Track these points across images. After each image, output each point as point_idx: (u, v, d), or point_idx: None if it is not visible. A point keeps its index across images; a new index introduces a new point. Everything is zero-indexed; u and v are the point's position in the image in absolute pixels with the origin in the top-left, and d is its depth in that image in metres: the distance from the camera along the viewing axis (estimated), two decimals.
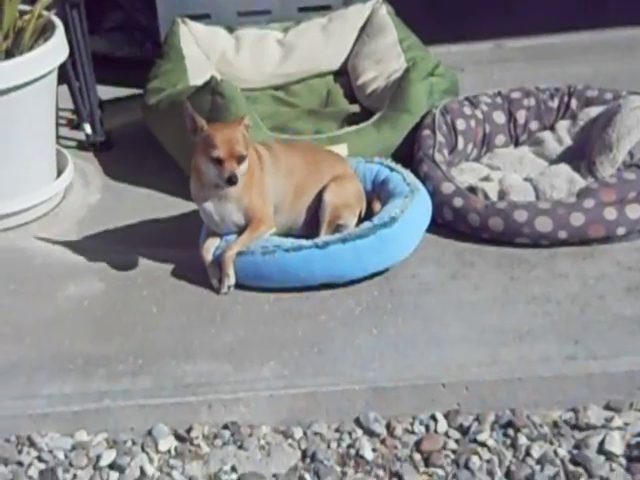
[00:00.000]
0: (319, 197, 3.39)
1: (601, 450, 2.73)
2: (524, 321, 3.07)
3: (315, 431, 2.84)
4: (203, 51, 4.44)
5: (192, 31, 4.44)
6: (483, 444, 2.77)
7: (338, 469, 2.73)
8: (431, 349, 2.97)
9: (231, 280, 3.26)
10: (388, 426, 2.84)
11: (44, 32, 3.75)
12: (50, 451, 2.81)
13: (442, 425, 2.84)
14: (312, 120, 4.11)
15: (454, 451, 2.76)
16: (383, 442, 2.81)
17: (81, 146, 4.33)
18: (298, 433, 2.84)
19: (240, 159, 3.16)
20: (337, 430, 2.85)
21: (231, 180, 3.14)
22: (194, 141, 3.22)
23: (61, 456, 2.79)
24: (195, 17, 4.56)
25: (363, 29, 4.55)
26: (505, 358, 2.92)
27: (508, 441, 2.78)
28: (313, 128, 4.00)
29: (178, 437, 2.84)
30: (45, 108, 3.79)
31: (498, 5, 5.38)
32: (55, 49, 3.73)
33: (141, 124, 4.23)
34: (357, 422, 2.85)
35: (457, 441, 2.79)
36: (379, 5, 4.58)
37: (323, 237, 3.30)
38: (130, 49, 5.06)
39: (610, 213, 3.38)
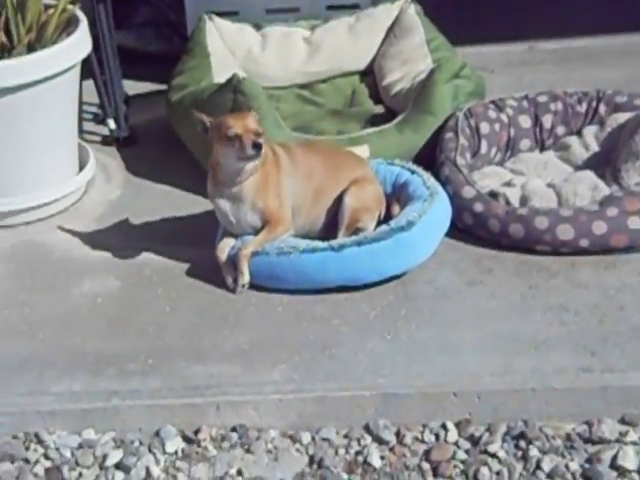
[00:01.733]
0: (339, 200, 3.35)
1: (613, 465, 2.67)
2: (540, 330, 3.01)
3: (323, 437, 2.81)
4: (229, 48, 4.41)
5: (218, 28, 4.41)
6: (493, 455, 2.73)
7: (345, 476, 2.70)
8: (444, 356, 2.93)
9: (245, 278, 3.23)
10: (398, 434, 2.80)
11: (68, 26, 3.74)
12: (57, 449, 2.80)
13: (452, 434, 2.79)
14: (335, 121, 4.07)
15: (463, 461, 2.72)
16: (392, 450, 2.77)
17: (105, 141, 4.33)
18: (306, 438, 2.81)
19: (257, 134, 3.11)
20: (346, 436, 2.81)
21: (256, 145, 3.08)
22: (209, 139, 3.21)
23: (68, 454, 2.79)
24: (223, 14, 4.53)
25: (391, 29, 4.49)
26: (519, 368, 2.87)
27: (519, 453, 2.73)
28: (336, 129, 3.97)
29: (185, 439, 2.82)
30: (67, 103, 3.79)
31: (531, 7, 5.31)
32: (78, 44, 3.72)
33: (165, 120, 4.22)
34: (366, 429, 2.82)
35: (467, 451, 2.75)
36: (407, 5, 4.52)
37: (339, 239, 3.26)
38: (158, 44, 5.06)
39: (634, 222, 3.31)
